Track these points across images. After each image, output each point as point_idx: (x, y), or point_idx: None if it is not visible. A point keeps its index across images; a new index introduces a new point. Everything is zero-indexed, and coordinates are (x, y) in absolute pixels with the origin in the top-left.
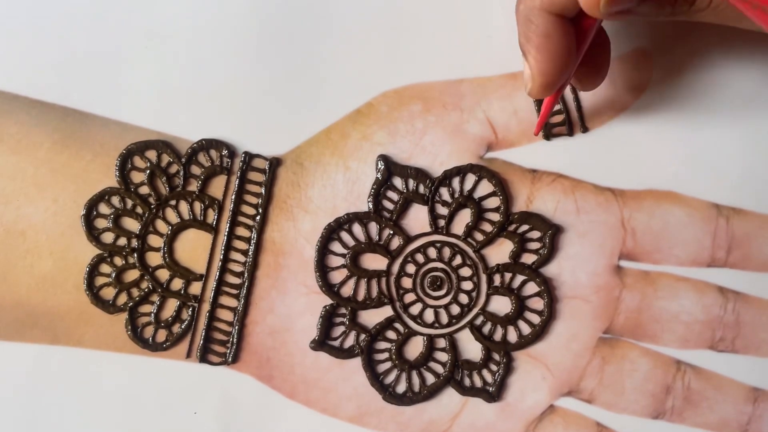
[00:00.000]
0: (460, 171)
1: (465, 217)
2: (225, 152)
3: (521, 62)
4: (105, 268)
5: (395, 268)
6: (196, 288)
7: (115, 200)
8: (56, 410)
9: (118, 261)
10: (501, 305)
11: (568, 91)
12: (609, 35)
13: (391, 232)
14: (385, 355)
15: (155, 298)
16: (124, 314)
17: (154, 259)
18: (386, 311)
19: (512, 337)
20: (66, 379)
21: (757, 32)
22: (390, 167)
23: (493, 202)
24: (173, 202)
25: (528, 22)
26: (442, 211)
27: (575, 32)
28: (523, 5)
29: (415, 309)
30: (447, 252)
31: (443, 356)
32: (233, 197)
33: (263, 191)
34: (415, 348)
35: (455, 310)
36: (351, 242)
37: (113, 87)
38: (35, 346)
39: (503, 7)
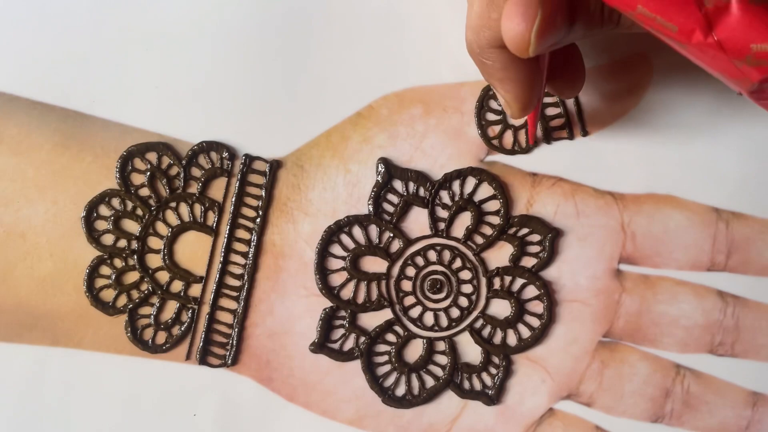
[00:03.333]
0: (461, 174)
1: (465, 220)
2: (225, 154)
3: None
4: (105, 270)
5: (395, 270)
6: (195, 290)
7: (116, 202)
8: (56, 412)
9: (118, 263)
10: (501, 308)
11: None
12: (608, 40)
13: (391, 234)
14: (385, 357)
15: (155, 300)
16: (124, 316)
17: (154, 261)
18: (386, 314)
19: (512, 340)
20: (65, 381)
21: None
22: (390, 170)
23: (493, 205)
24: (173, 204)
25: (483, 61)
26: (442, 214)
27: None
28: (472, 46)
29: (415, 312)
30: (447, 255)
31: (443, 359)
32: (233, 199)
33: (263, 194)
34: (414, 351)
35: (455, 313)
36: (351, 245)
37: (114, 89)
38: (35, 347)
39: None
